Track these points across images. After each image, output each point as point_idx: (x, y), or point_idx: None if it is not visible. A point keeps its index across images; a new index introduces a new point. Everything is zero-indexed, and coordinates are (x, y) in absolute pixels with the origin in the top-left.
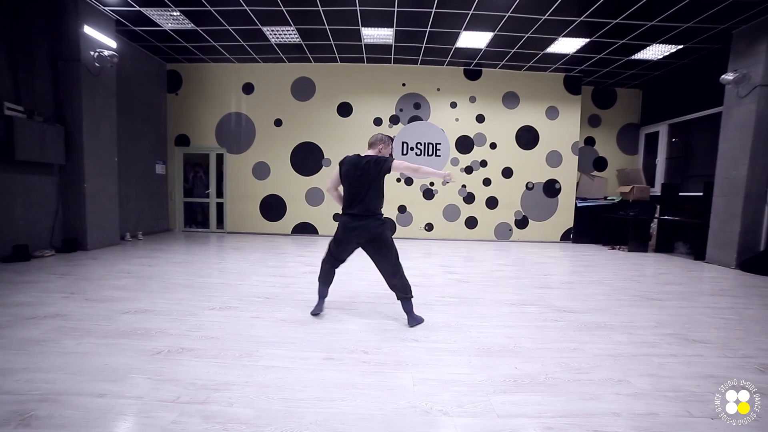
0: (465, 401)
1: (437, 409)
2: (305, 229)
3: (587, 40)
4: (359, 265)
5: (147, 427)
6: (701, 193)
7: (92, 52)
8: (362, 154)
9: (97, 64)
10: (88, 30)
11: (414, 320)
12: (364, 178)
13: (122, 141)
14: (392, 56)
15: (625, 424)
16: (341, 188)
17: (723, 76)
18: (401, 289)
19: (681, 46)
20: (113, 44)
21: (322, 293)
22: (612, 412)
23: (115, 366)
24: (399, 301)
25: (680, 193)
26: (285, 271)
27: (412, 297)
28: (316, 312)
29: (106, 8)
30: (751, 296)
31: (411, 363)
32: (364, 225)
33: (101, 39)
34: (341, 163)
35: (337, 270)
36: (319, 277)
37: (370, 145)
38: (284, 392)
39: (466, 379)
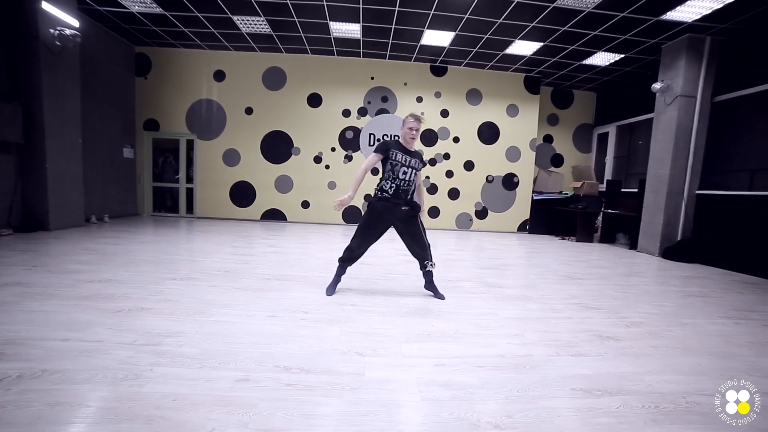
0: (379, 347)
1: (354, 351)
2: (274, 215)
3: (541, 43)
4: (318, 246)
5: (105, 360)
6: (636, 190)
7: (52, 30)
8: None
9: (57, 43)
10: (47, 6)
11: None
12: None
13: (87, 123)
14: (361, 50)
15: (504, 362)
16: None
17: (653, 86)
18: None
19: (623, 55)
20: (75, 23)
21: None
22: (498, 354)
23: (78, 320)
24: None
25: (622, 189)
26: (247, 251)
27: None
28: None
29: None
30: (657, 277)
31: (343, 321)
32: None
33: (62, 17)
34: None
35: (293, 250)
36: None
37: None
38: (228, 338)
39: (387, 333)
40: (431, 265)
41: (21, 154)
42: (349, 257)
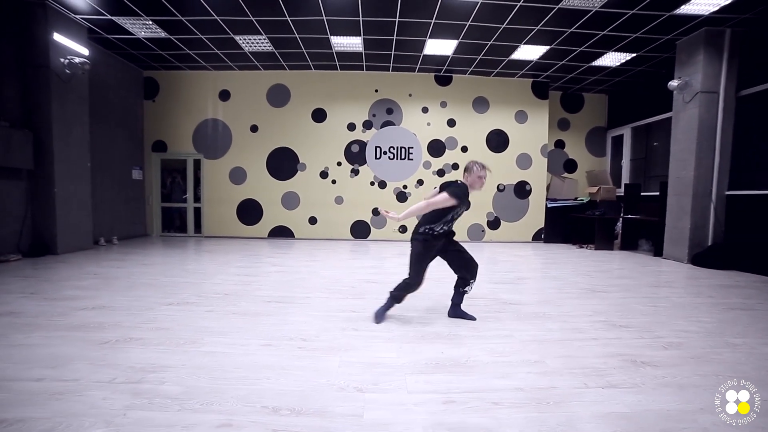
0: (382, 380)
1: (353, 387)
2: (281, 232)
3: (548, 47)
4: (324, 263)
5: (76, 404)
6: (658, 193)
7: (62, 59)
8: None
9: (67, 71)
10: (58, 37)
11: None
12: None
13: (97, 147)
14: (364, 63)
15: (524, 396)
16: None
17: (669, 83)
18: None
19: (634, 54)
20: (85, 51)
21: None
22: (515, 387)
23: (60, 355)
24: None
25: (642, 193)
26: (251, 271)
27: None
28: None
29: (77, 16)
30: (689, 287)
31: (343, 349)
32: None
33: (72, 46)
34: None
35: (298, 269)
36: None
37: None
38: (215, 372)
39: (391, 362)
40: (471, 286)
41: (31, 180)
42: (407, 288)
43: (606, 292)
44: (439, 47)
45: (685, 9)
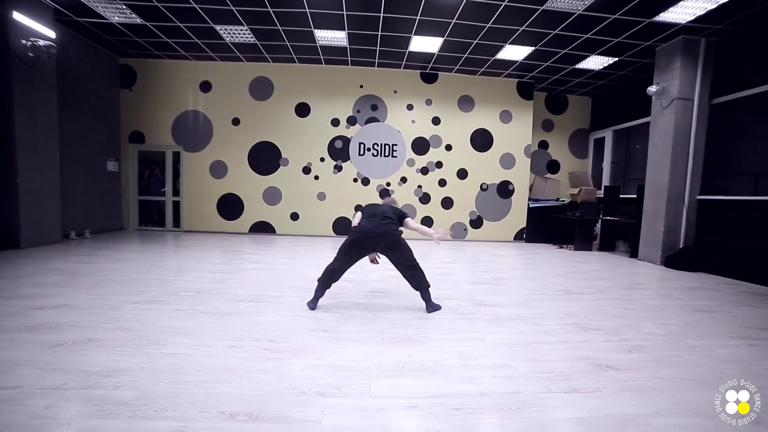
0: (345, 384)
1: (314, 391)
2: (263, 228)
3: (533, 48)
4: (304, 261)
5: (15, 414)
6: (636, 196)
7: (24, 41)
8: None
9: (30, 54)
10: (18, 16)
11: (432, 307)
12: (385, 217)
13: (68, 136)
14: (349, 58)
15: (487, 402)
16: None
17: (648, 89)
18: (418, 282)
19: (616, 59)
20: (51, 34)
21: (318, 294)
22: (480, 392)
23: (6, 359)
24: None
25: (621, 195)
26: (227, 268)
27: (428, 287)
28: (312, 306)
29: None
30: (660, 289)
31: (310, 351)
32: (383, 231)
33: (36, 27)
34: (361, 209)
35: (276, 266)
36: (319, 280)
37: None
38: (176, 376)
39: (357, 366)
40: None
41: None
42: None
43: (581, 294)
44: (425, 44)
45: (663, 17)
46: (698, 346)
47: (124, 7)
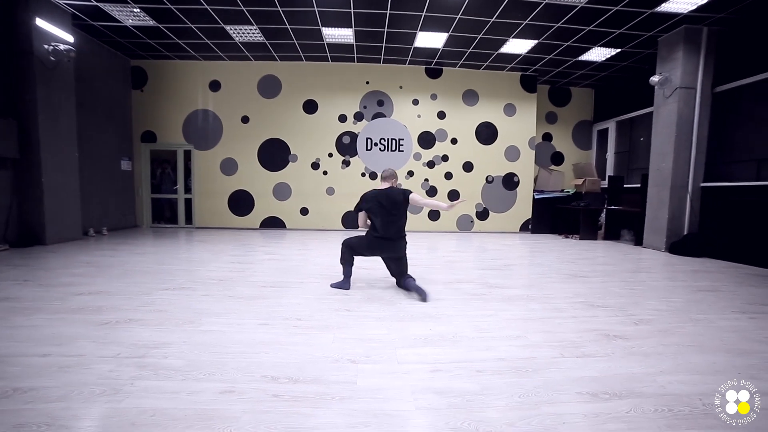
0: (373, 353)
1: (346, 359)
2: (273, 223)
3: (536, 41)
4: (318, 252)
5: (85, 375)
6: (640, 185)
7: (46, 46)
8: (380, 188)
9: (52, 58)
10: (41, 23)
11: (423, 292)
12: (395, 207)
13: (84, 137)
14: (355, 55)
15: (505, 365)
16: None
17: (651, 79)
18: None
19: (619, 50)
20: (70, 38)
21: (347, 273)
22: (498, 358)
23: (63, 334)
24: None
25: (625, 185)
26: (245, 259)
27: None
28: (340, 286)
29: (60, 2)
30: (665, 272)
31: (337, 327)
32: (396, 246)
33: (56, 32)
34: (364, 201)
35: (291, 257)
36: (342, 261)
37: (385, 179)
38: (215, 348)
39: (382, 338)
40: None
41: (16, 169)
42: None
43: (587, 277)
44: (430, 40)
45: (665, 7)
46: (701, 319)
47: (138, 10)
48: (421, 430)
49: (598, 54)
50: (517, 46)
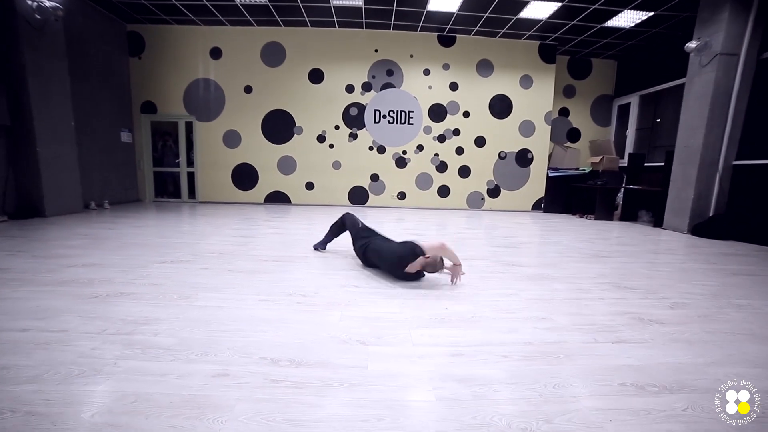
0: (385, 334)
1: (355, 340)
2: (278, 198)
3: (560, 3)
4: (323, 227)
5: (64, 353)
6: (663, 163)
7: (31, 2)
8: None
9: (38, 16)
10: None
11: None
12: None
13: (80, 106)
14: (364, 20)
15: (534, 349)
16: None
17: (687, 44)
18: None
19: (652, 13)
20: None
21: (328, 240)
22: (525, 341)
23: (48, 307)
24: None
25: (645, 164)
26: (247, 233)
27: None
28: (317, 247)
29: None
30: (691, 254)
31: (344, 304)
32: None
33: None
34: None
35: (296, 231)
36: (331, 227)
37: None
38: (211, 325)
39: (394, 317)
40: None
41: (9, 137)
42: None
43: (608, 257)
44: (444, 3)
45: None
46: (745, 305)
47: None
48: (443, 425)
49: (628, 18)
50: (539, 10)
